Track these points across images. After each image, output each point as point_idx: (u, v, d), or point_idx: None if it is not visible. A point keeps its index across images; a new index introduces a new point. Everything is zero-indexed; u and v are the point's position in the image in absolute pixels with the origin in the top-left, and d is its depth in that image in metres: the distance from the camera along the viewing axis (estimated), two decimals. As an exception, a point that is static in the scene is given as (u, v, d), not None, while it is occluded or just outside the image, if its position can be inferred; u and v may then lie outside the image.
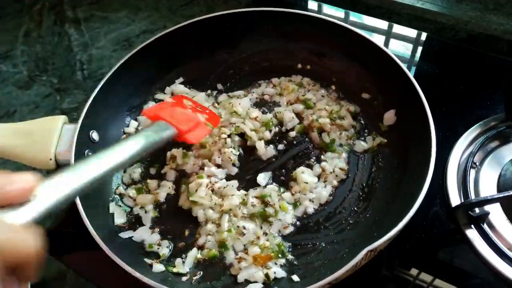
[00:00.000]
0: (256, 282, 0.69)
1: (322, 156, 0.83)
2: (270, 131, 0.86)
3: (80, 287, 0.79)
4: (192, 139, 0.74)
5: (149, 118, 0.74)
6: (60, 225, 0.82)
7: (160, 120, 0.70)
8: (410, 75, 0.77)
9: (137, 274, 0.60)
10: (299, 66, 0.96)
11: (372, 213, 0.75)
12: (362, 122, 0.88)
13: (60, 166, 0.74)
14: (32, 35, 1.25)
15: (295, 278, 0.69)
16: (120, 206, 0.80)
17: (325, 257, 0.71)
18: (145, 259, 0.72)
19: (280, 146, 0.86)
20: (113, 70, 0.83)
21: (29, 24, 1.28)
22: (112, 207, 0.78)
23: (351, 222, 0.75)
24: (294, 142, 0.86)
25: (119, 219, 0.77)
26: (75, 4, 1.32)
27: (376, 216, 0.74)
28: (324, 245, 0.73)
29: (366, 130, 0.86)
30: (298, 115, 0.89)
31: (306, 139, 0.86)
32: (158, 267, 0.70)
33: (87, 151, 0.77)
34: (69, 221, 0.82)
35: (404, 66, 0.78)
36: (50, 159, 0.73)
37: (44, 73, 1.16)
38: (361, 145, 0.84)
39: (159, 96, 0.94)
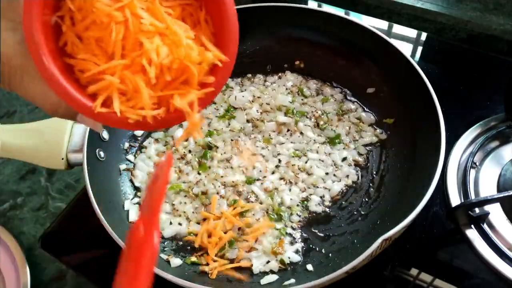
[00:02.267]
0: (272, 272, 0.70)
1: (331, 149, 0.84)
2: None
3: (80, 287, 0.79)
4: None
5: None
6: (60, 225, 0.82)
7: None
8: (416, 64, 0.77)
9: (157, 270, 0.61)
10: (301, 62, 0.96)
11: (383, 204, 0.76)
12: (371, 115, 0.88)
13: (71, 165, 0.74)
14: (32, 35, 1.25)
15: (310, 267, 0.70)
16: (135, 204, 0.79)
17: (338, 247, 0.72)
18: (161, 255, 0.72)
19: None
20: None
21: (29, 24, 1.28)
22: (127, 205, 0.78)
23: (362, 213, 0.76)
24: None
25: (135, 215, 0.77)
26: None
27: (388, 206, 0.75)
28: (336, 235, 0.74)
29: (373, 124, 0.87)
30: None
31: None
32: (175, 262, 0.71)
33: (98, 150, 0.77)
34: (69, 221, 0.83)
35: (409, 56, 0.79)
36: (62, 159, 0.73)
37: (44, 73, 1.16)
38: (367, 138, 0.85)
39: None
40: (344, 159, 0.83)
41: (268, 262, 0.71)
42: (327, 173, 0.81)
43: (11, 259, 0.78)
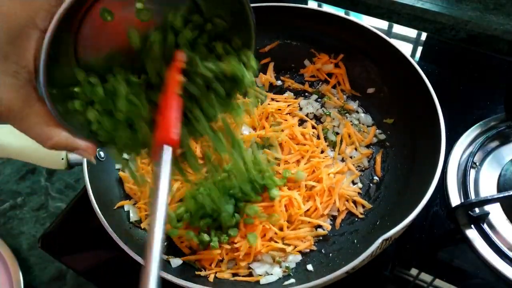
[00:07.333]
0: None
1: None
2: None
3: (80, 287, 0.79)
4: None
5: None
6: (60, 225, 0.82)
7: None
8: (416, 64, 0.77)
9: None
10: (303, 62, 0.96)
11: (383, 204, 0.76)
12: (370, 115, 0.88)
13: (71, 165, 0.74)
14: (32, 35, 1.25)
15: (310, 267, 0.70)
16: (134, 204, 0.79)
17: (338, 247, 0.72)
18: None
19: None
20: None
21: (29, 24, 1.28)
22: (127, 206, 0.77)
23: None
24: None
25: (135, 216, 0.77)
26: (75, 4, 1.31)
27: (388, 206, 0.75)
28: (336, 235, 0.74)
29: (373, 125, 0.87)
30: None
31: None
32: (176, 262, 0.70)
33: (98, 150, 0.77)
34: (69, 221, 0.83)
35: (409, 56, 0.79)
36: (62, 159, 0.73)
37: (44, 73, 1.15)
38: (367, 138, 0.85)
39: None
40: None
41: (271, 269, 0.70)
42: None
43: (4, 265, 0.77)
